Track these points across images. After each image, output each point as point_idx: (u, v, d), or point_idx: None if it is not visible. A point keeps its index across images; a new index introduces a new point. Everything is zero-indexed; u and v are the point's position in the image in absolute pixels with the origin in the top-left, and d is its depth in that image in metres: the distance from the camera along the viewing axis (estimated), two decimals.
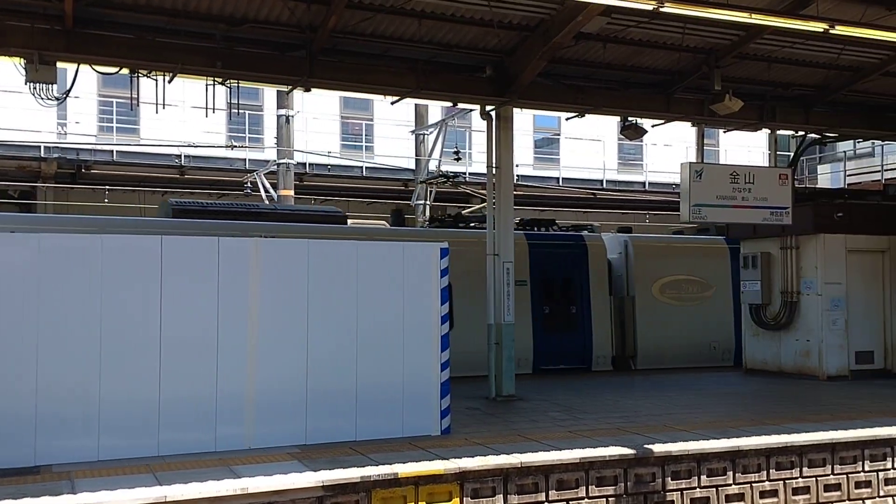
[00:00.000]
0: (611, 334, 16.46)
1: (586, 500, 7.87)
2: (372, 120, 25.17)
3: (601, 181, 27.40)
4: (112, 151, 21.69)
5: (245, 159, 22.76)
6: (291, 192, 19.16)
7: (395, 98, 11.87)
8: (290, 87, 11.74)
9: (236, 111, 12.65)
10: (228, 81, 11.06)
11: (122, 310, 7.77)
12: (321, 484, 6.91)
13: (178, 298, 7.95)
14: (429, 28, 10.74)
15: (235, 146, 21.21)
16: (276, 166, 19.54)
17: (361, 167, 24.00)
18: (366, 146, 24.99)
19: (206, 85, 11.16)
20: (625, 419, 10.00)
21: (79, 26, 9.71)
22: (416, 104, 20.10)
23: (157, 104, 10.87)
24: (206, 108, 11.22)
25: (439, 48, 11.21)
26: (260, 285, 8.28)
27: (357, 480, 7.03)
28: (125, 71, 10.54)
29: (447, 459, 7.59)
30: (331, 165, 23.61)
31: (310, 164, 23.14)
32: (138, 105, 11.70)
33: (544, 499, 7.74)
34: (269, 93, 22.20)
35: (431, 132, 20.45)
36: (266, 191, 20.11)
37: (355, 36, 10.76)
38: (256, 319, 8.25)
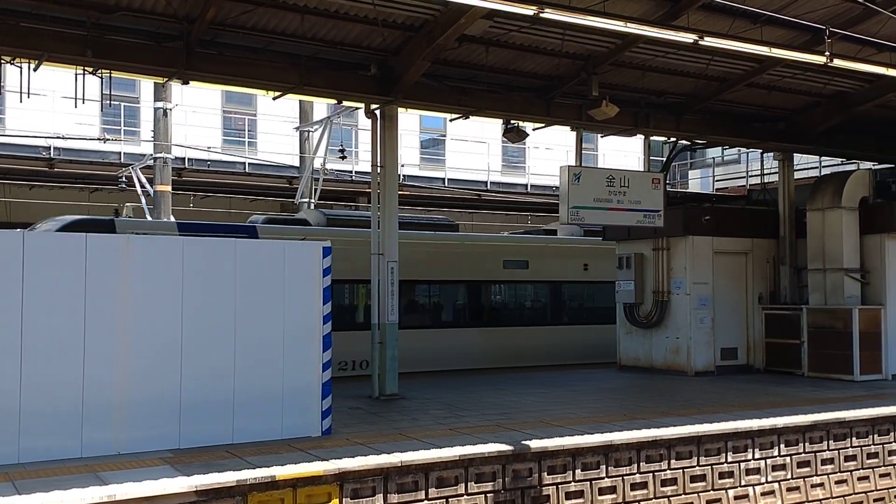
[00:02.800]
0: None
1: (465, 496, 7.97)
2: (255, 115, 24.61)
3: (486, 183, 27.83)
4: None
5: (120, 153, 21.78)
6: (168, 188, 18.48)
7: (278, 94, 11.65)
8: (166, 78, 11.32)
9: (109, 102, 12.10)
10: (100, 71, 10.57)
11: None
12: (194, 489, 6.69)
13: (41, 299, 7.53)
14: (312, 24, 10.60)
15: (109, 139, 20.26)
16: (152, 160, 18.78)
17: (244, 163, 23.43)
18: (248, 142, 24.41)
19: (76, 74, 10.61)
20: (504, 416, 10.18)
21: None
22: (300, 100, 19.77)
23: (21, 93, 10.26)
24: (76, 99, 10.65)
25: (323, 45, 11.08)
26: (131, 285, 7.95)
27: (232, 484, 6.85)
28: None
29: (327, 460, 7.52)
30: (211, 161, 22.92)
31: (189, 159, 22.38)
32: (1, 93, 11.00)
33: (424, 497, 7.78)
34: (147, 84, 21.33)
35: (316, 129, 20.18)
36: (142, 186, 19.32)
37: (235, 29, 10.49)
38: (127, 320, 7.91)
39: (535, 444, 8.42)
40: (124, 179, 20.03)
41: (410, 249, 14.27)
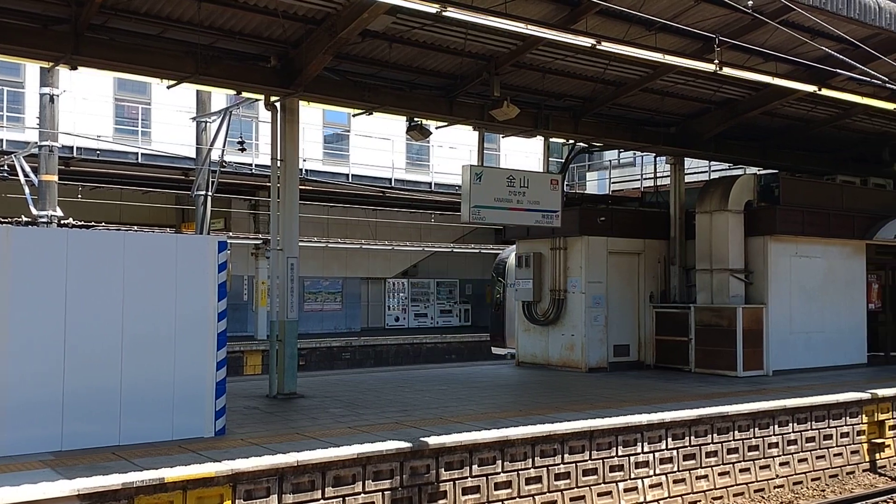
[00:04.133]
0: None
1: (362, 495, 7.92)
2: (149, 104, 23.73)
3: (390, 180, 27.78)
4: None
5: (2, 140, 20.64)
6: (55, 178, 17.59)
7: (172, 82, 11.26)
8: (52, 63, 10.76)
9: None
10: None
11: None
12: (77, 493, 6.39)
13: None
14: (209, 12, 10.29)
15: None
16: (37, 148, 17.83)
17: (136, 153, 22.58)
18: (142, 131, 23.53)
19: None
20: (404, 413, 10.18)
21: None
22: (197, 90, 19.18)
23: None
24: None
25: (220, 34, 10.78)
26: (10, 278, 7.52)
27: (118, 487, 6.58)
28: None
29: (219, 461, 7.32)
30: (101, 150, 21.99)
31: (77, 148, 21.42)
32: None
33: (320, 496, 7.68)
34: (32, 68, 20.26)
35: (215, 120, 19.63)
36: (26, 175, 18.33)
37: (128, 14, 10.07)
38: (5, 315, 7.48)
39: (433, 440, 8.45)
40: (6, 168, 18.96)
41: None
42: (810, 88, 12.11)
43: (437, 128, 14.07)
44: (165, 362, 8.33)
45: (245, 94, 13.62)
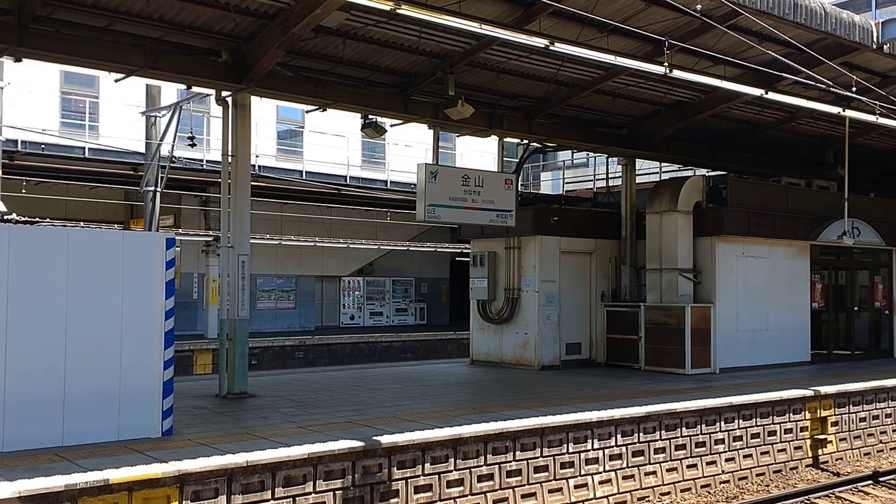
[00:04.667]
0: None
1: (313, 494, 7.87)
2: (97, 97, 23.21)
3: (345, 177, 27.60)
4: None
5: None
6: None
7: (121, 76, 11.04)
8: None
9: None
10: None
11: None
12: (17, 495, 6.23)
13: None
14: (159, 5, 10.10)
15: None
16: None
17: (83, 147, 22.05)
18: (90, 125, 22.99)
19: None
20: (357, 412, 10.13)
21: None
22: (147, 84, 18.81)
23: None
24: None
25: (170, 27, 10.59)
26: None
27: (60, 489, 6.43)
28: None
29: (166, 462, 7.20)
30: (47, 144, 21.43)
31: (22, 142, 20.84)
32: None
33: (270, 497, 7.61)
34: None
35: (164, 115, 19.26)
36: None
37: (74, 5, 9.84)
38: None
39: (385, 439, 8.42)
40: None
41: None
42: (757, 92, 12.36)
43: (392, 125, 14.03)
44: (111, 361, 8.16)
45: (196, 89, 13.42)
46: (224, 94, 11.69)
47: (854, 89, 12.25)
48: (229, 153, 11.73)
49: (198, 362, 22.12)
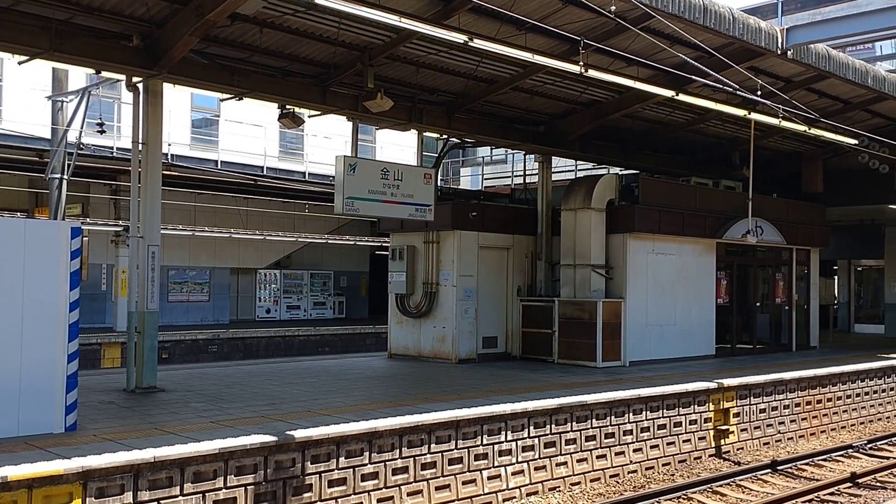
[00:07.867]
0: None
1: (224, 490, 7.74)
2: (1, 80, 22.16)
3: (262, 168, 27.14)
4: None
5: None
6: None
7: (24, 58, 10.58)
8: None
9: None
10: None
11: None
12: None
13: None
14: None
15: None
16: None
17: None
18: None
19: None
20: (271, 407, 10.01)
21: None
22: (53, 67, 18.04)
23: None
24: None
25: (78, 9, 10.20)
26: None
27: None
28: None
29: (69, 458, 6.96)
30: None
31: None
32: None
33: (179, 493, 7.45)
34: None
35: (72, 100, 18.52)
36: None
37: None
38: None
39: (299, 433, 8.35)
40: None
41: None
42: (668, 93, 12.75)
43: (309, 116, 13.88)
44: (10, 354, 7.84)
45: (105, 74, 12.94)
46: (135, 79, 11.35)
47: (759, 93, 12.77)
48: (140, 141, 11.39)
49: (105, 356, 21.42)
